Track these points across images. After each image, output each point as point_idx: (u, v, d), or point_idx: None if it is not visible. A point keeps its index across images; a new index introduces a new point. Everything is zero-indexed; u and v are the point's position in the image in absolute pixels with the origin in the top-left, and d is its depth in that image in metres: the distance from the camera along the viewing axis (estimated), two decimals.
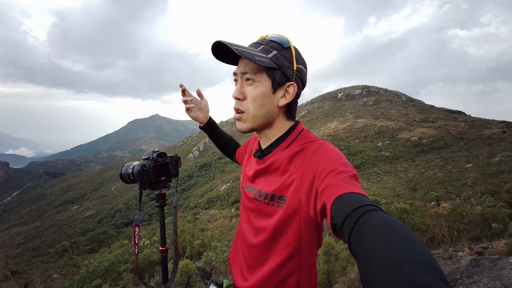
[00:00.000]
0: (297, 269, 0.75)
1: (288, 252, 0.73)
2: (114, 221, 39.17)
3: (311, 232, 0.73)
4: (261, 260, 0.79)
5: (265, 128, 0.79)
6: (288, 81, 0.74)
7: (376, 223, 0.42)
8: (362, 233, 0.42)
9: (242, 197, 0.91)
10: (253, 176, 0.85)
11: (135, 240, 0.97)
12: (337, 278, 2.80)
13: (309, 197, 0.66)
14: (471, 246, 3.30)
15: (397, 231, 0.39)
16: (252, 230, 0.83)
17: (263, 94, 0.73)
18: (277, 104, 0.76)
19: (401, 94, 65.06)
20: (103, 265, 5.31)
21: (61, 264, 8.82)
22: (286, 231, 0.73)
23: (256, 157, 0.85)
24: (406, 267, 0.32)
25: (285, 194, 0.73)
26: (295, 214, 0.71)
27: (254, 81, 0.73)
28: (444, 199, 7.82)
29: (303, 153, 0.73)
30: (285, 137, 0.79)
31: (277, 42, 0.74)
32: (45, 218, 54.38)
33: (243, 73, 0.74)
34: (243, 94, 0.76)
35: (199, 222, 13.30)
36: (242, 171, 0.96)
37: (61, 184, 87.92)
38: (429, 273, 0.31)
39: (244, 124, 0.78)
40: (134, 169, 0.99)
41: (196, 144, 68.21)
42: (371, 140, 39.57)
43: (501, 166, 15.84)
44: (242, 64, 0.75)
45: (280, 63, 0.71)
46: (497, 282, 1.82)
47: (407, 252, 0.34)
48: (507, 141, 27.85)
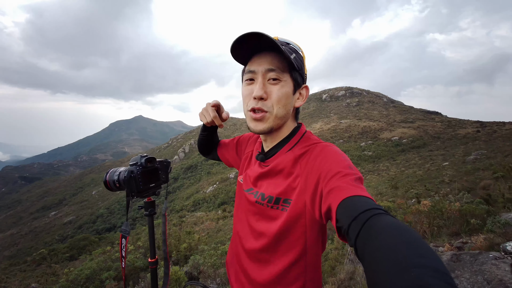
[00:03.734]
0: (303, 273, 0.73)
1: (293, 256, 0.72)
2: (96, 227, 37.76)
3: (316, 234, 0.71)
4: (262, 266, 0.77)
5: (279, 128, 0.78)
6: (303, 83, 0.77)
7: (383, 226, 0.41)
8: (369, 237, 0.41)
9: (242, 200, 0.88)
10: (256, 179, 0.82)
11: (122, 252, 0.90)
12: (326, 278, 2.82)
13: (314, 199, 0.65)
14: (451, 241, 3.42)
15: (405, 234, 0.38)
16: (253, 234, 0.80)
17: (287, 94, 0.73)
18: (293, 106, 0.77)
19: (382, 96, 67.14)
20: (84, 273, 5.08)
21: (39, 273, 8.40)
22: (290, 234, 0.71)
23: (259, 160, 0.83)
24: (413, 271, 0.32)
25: (290, 197, 0.71)
26: (300, 217, 0.69)
27: (280, 80, 0.71)
28: (424, 196, 8.10)
29: (307, 155, 0.72)
30: (288, 139, 0.78)
31: (293, 47, 0.74)
32: (21, 225, 51.70)
33: (270, 70, 0.71)
34: (267, 93, 0.72)
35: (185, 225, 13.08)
36: (242, 174, 0.92)
37: (37, 189, 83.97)
38: (437, 278, 0.31)
39: (266, 124, 0.74)
40: (120, 175, 0.93)
41: (181, 145, 67.14)
42: (354, 140, 40.55)
43: (476, 164, 16.62)
44: (265, 61, 0.72)
45: (299, 66, 0.73)
46: (479, 276, 1.87)
47: (415, 256, 0.34)
48: (481, 140, 29.38)
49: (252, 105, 0.73)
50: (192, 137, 71.30)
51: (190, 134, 77.84)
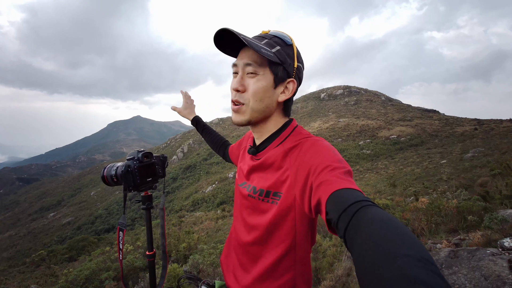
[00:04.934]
0: (292, 266, 0.74)
1: (283, 249, 0.73)
2: (94, 228, 37.63)
3: (306, 228, 0.72)
4: (255, 259, 0.78)
5: (261, 122, 0.78)
6: (289, 77, 0.74)
7: (371, 218, 0.42)
8: (357, 228, 0.42)
9: (237, 195, 0.90)
10: (248, 172, 0.84)
11: (120, 245, 0.91)
12: (324, 274, 2.83)
13: (303, 193, 0.65)
14: (449, 238, 3.44)
15: (392, 226, 0.39)
16: (245, 228, 0.82)
17: (265, 88, 0.72)
18: (276, 100, 0.75)
19: (380, 94, 67.28)
20: (84, 274, 5.07)
21: (39, 274, 8.38)
22: (280, 227, 0.72)
23: (250, 154, 0.84)
24: (399, 261, 0.32)
25: (280, 190, 0.72)
26: (289, 211, 0.70)
27: (257, 74, 0.72)
28: (422, 194, 8.16)
29: (297, 149, 0.73)
30: (279, 133, 0.78)
31: (280, 38, 0.73)
32: (20, 226, 51.48)
33: (247, 64, 0.72)
34: (243, 86, 0.73)
35: (184, 225, 13.06)
36: (237, 169, 0.95)
37: (35, 190, 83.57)
38: (422, 267, 0.31)
39: (242, 116, 0.76)
40: (117, 170, 0.94)
41: (180, 145, 67.01)
42: (353, 138, 40.62)
43: (474, 162, 16.71)
44: (245, 55, 0.73)
45: (283, 59, 0.71)
46: (477, 272, 1.88)
47: (401, 246, 0.35)
48: (479, 137, 29.51)
49: (231, 97, 0.76)
50: (191, 137, 71.18)
51: (188, 134, 77.64)
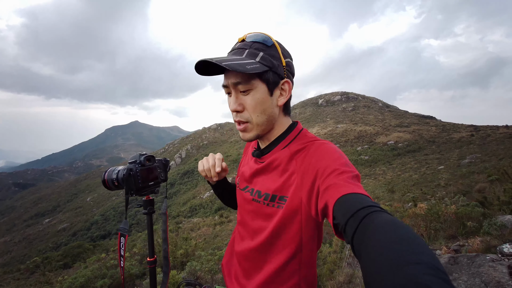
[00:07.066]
0: (298, 270, 0.72)
1: (288, 253, 0.71)
2: (90, 234, 37.14)
3: (312, 232, 0.71)
4: (259, 264, 0.76)
5: (268, 132, 0.77)
6: (281, 79, 0.72)
7: (380, 224, 0.41)
8: (366, 234, 0.41)
9: (239, 200, 0.87)
10: (251, 176, 0.82)
11: (120, 251, 0.89)
12: (325, 281, 2.81)
13: (310, 196, 0.64)
14: (448, 244, 3.43)
15: (401, 232, 0.38)
16: (249, 232, 0.80)
17: (262, 100, 0.70)
18: (276, 105, 0.73)
19: (377, 100, 67.79)
20: (79, 281, 4.98)
21: (33, 281, 8.22)
22: (286, 231, 0.71)
23: (255, 156, 0.82)
24: (409, 269, 0.32)
25: (286, 194, 0.70)
26: (295, 214, 0.69)
27: (251, 89, 0.69)
28: (420, 200, 8.14)
29: (304, 152, 0.71)
30: (284, 135, 0.77)
31: (260, 43, 0.70)
32: (15, 232, 50.78)
33: (236, 83, 0.69)
34: (241, 105, 0.71)
35: (182, 231, 12.94)
36: (238, 172, 0.92)
37: (31, 196, 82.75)
38: (432, 275, 0.31)
39: (250, 134, 0.74)
40: (119, 174, 0.92)
41: (177, 151, 66.88)
42: (351, 144, 40.74)
43: (471, 167, 16.78)
44: (231, 74, 0.69)
45: (270, 64, 0.68)
46: (477, 279, 1.87)
47: (411, 253, 0.34)
48: (475, 143, 29.69)
49: (233, 117, 0.75)
50: (189, 142, 71.07)
51: (186, 140, 77.58)
